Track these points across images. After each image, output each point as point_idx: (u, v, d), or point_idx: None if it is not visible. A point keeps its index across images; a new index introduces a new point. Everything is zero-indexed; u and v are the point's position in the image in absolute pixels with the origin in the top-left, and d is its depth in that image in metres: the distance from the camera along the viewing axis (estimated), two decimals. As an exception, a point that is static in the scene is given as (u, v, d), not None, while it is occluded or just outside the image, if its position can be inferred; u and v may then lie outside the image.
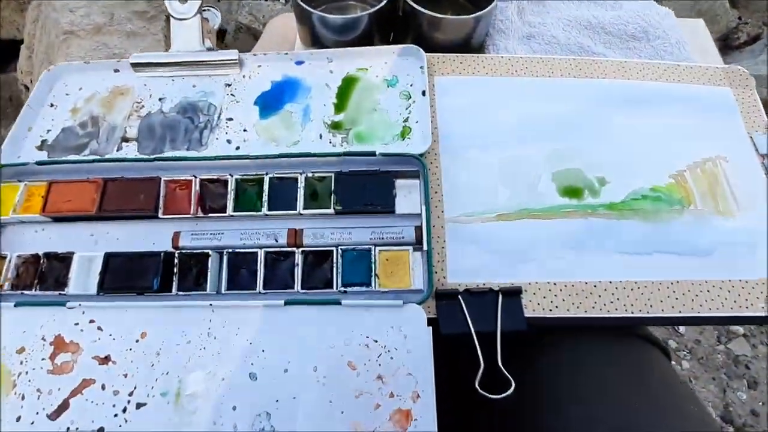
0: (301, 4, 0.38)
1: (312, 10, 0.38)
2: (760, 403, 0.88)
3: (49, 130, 0.38)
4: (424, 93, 0.37)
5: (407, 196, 0.33)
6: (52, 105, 0.40)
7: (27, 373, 0.28)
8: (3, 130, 1.27)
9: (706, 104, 0.39)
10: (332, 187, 0.32)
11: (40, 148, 0.37)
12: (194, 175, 0.33)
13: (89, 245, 0.33)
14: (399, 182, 0.33)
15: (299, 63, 0.40)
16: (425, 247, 0.30)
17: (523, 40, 0.44)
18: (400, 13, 0.41)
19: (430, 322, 0.29)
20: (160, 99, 0.39)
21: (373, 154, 0.33)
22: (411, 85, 0.38)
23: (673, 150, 0.37)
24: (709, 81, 0.41)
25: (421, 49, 0.38)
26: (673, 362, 0.92)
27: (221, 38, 1.53)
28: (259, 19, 1.42)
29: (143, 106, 0.39)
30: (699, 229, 0.34)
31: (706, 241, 0.33)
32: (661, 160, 0.36)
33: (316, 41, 0.43)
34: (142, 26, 1.23)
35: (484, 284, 0.32)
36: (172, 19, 0.40)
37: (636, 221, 0.34)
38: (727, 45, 1.57)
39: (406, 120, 0.36)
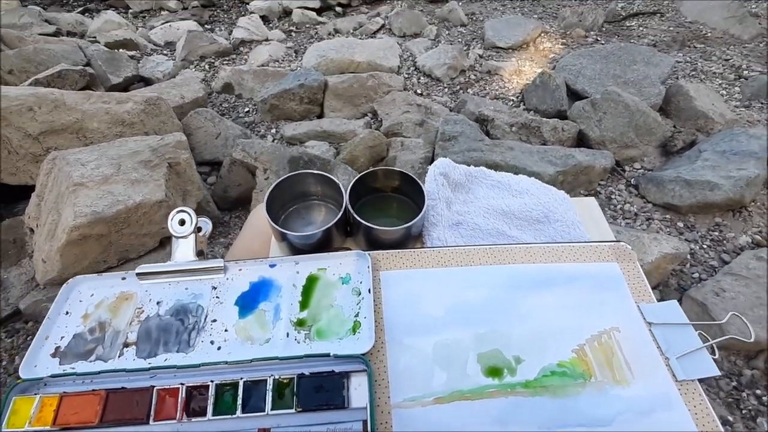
0: (271, 222, 0.50)
1: (279, 228, 0.49)
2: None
3: (62, 337, 0.46)
4: (369, 291, 0.46)
5: (357, 389, 0.40)
6: (67, 313, 0.48)
7: None
8: (3, 272, 1.35)
9: (598, 280, 0.49)
10: (295, 389, 0.39)
11: (53, 354, 0.45)
12: (182, 383, 0.40)
13: (89, 451, 0.39)
14: (353, 378, 0.41)
15: (272, 266, 0.50)
16: (370, 443, 0.36)
17: (453, 227, 0.55)
18: (351, 221, 0.52)
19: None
20: (158, 303, 0.48)
21: (327, 355, 0.41)
22: (361, 283, 0.48)
23: (574, 325, 0.46)
24: (599, 258, 0.51)
25: (367, 254, 0.48)
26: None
27: (217, 170, 1.72)
28: (251, 154, 1.61)
29: (143, 311, 0.48)
30: (599, 401, 0.41)
31: (607, 412, 0.40)
32: (564, 335, 0.45)
33: (284, 238, 0.53)
34: (146, 174, 1.39)
35: (426, 466, 0.38)
36: (173, 237, 0.50)
37: (547, 397, 0.41)
38: (667, 151, 1.80)
39: (357, 315, 0.45)
